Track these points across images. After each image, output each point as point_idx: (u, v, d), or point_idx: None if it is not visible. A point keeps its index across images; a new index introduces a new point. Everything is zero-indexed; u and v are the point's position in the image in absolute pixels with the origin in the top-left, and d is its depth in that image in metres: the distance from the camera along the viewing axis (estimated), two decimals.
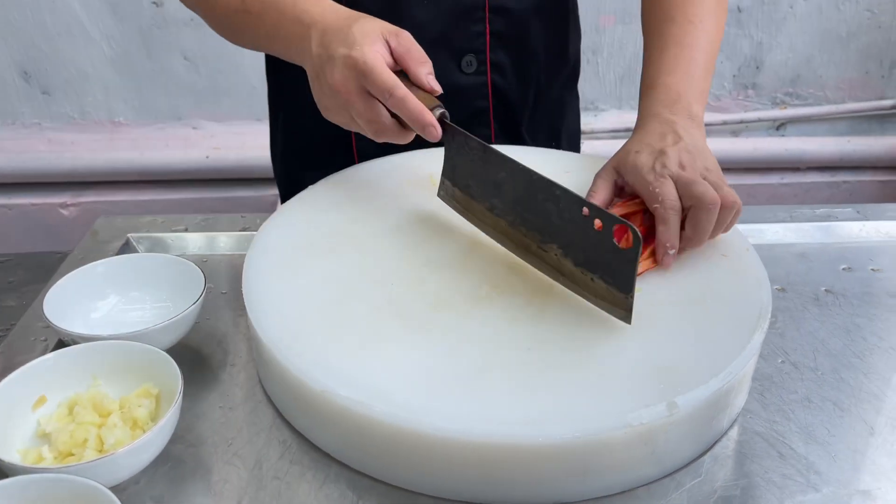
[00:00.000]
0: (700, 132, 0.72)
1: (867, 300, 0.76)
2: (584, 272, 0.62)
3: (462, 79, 0.87)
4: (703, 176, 0.66)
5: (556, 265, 0.64)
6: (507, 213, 0.68)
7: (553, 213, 0.64)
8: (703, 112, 0.75)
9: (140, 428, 0.56)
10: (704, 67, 0.77)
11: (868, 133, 1.99)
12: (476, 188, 0.70)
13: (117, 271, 0.70)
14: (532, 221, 0.65)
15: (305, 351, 0.58)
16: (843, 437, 0.60)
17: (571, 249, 0.63)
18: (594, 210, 0.61)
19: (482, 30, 0.86)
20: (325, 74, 0.66)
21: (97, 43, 1.83)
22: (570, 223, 0.62)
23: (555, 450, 0.51)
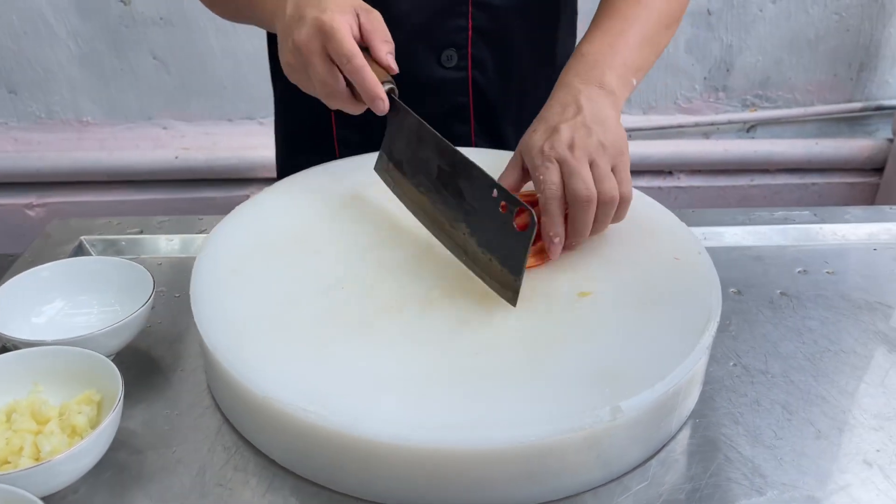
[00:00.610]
0: (608, 101, 0.70)
1: (820, 303, 0.77)
2: (484, 252, 0.64)
3: (441, 73, 0.87)
4: (593, 159, 0.65)
5: (462, 245, 0.67)
6: (429, 191, 0.70)
7: (467, 193, 0.65)
8: (621, 84, 0.72)
9: (79, 435, 0.55)
10: (636, 43, 0.74)
11: (837, 135, 2.01)
12: (407, 165, 0.72)
13: (64, 275, 0.69)
14: (448, 200, 0.68)
15: (250, 356, 0.57)
16: (790, 440, 0.60)
17: (477, 230, 0.65)
18: (501, 192, 0.63)
19: (464, 24, 0.85)
20: (292, 32, 0.68)
21: (63, 41, 1.80)
22: (480, 203, 0.64)
23: (497, 455, 0.51)
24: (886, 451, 0.59)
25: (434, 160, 0.69)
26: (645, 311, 0.62)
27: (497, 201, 0.63)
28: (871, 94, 1.97)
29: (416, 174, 0.71)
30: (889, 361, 0.69)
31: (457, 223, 0.67)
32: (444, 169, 0.68)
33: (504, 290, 0.63)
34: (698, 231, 0.88)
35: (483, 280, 0.64)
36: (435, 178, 0.69)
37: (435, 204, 0.69)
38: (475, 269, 0.65)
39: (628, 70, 0.73)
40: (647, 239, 0.72)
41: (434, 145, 0.68)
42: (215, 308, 0.62)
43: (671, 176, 2.00)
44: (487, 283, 0.64)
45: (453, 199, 0.67)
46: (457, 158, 0.66)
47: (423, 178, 0.70)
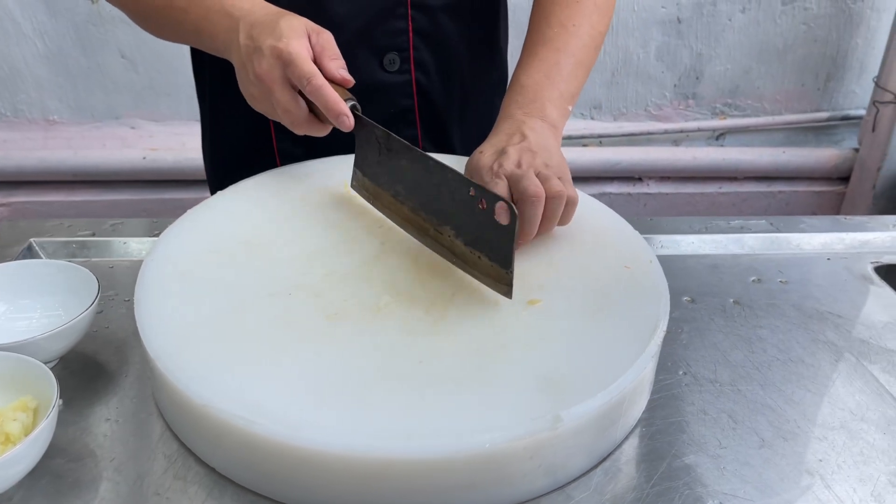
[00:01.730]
0: (551, 132, 0.73)
1: (772, 312, 0.77)
2: (472, 251, 0.65)
3: (385, 77, 0.87)
4: (539, 171, 0.68)
5: (450, 247, 0.67)
6: (408, 199, 0.71)
7: (446, 196, 0.66)
8: (559, 114, 0.76)
9: (12, 442, 0.54)
10: (570, 72, 0.78)
11: (804, 144, 2.04)
12: (382, 176, 0.73)
13: (7, 278, 0.68)
14: (429, 206, 0.69)
15: (190, 363, 0.56)
16: (734, 449, 0.60)
17: (462, 231, 0.66)
18: (479, 190, 0.64)
19: (404, 27, 0.85)
20: (251, 64, 0.69)
21: (30, 39, 1.78)
22: (459, 204, 0.65)
23: (437, 464, 0.51)
24: (829, 462, 0.59)
25: (408, 168, 0.69)
26: (593, 319, 0.62)
27: (475, 199, 0.64)
28: (837, 104, 2.00)
29: (393, 184, 0.72)
30: (836, 371, 0.69)
31: (441, 227, 0.68)
32: (420, 175, 0.68)
33: (498, 285, 0.63)
34: (656, 239, 0.89)
35: (476, 278, 0.65)
36: (411, 185, 0.70)
37: (416, 212, 0.70)
38: (467, 269, 0.66)
39: (565, 100, 0.77)
40: (599, 248, 0.72)
41: (405, 154, 0.69)
42: (159, 313, 0.61)
43: (641, 182, 2.02)
44: (481, 281, 0.65)
45: (434, 204, 0.68)
46: (429, 163, 0.67)
47: (399, 188, 0.71)
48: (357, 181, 0.76)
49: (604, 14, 0.83)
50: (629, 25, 1.85)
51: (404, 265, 0.68)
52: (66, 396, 0.63)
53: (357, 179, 0.76)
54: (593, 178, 1.99)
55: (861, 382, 0.68)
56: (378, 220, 0.74)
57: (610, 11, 0.85)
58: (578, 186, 0.82)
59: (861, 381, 0.68)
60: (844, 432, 0.62)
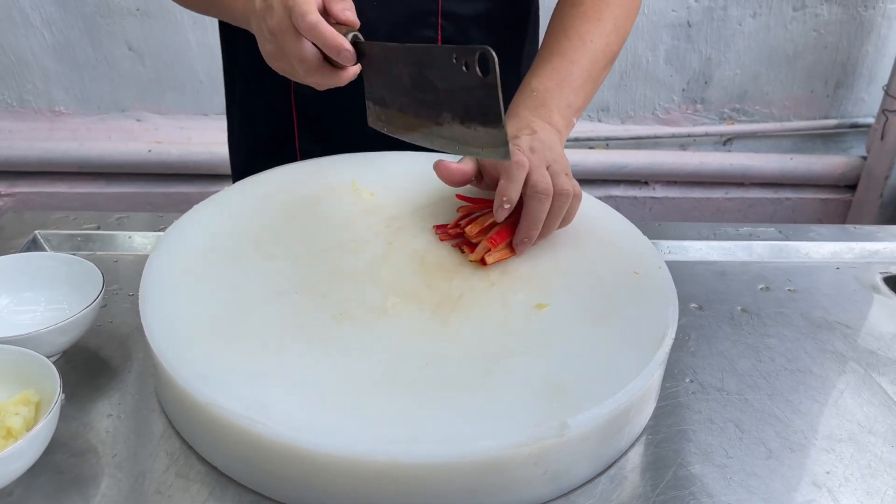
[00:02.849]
0: (556, 137, 0.73)
1: (780, 320, 0.77)
2: (469, 126, 0.64)
3: None
4: (549, 164, 0.68)
5: (450, 134, 0.66)
6: (410, 106, 0.69)
7: (437, 79, 0.65)
8: (564, 124, 0.76)
9: (13, 437, 0.54)
10: (580, 85, 0.78)
11: (811, 151, 2.03)
12: (389, 95, 0.71)
13: (11, 271, 0.67)
14: (426, 100, 0.67)
15: (195, 360, 0.56)
16: (741, 459, 0.60)
17: (456, 109, 0.65)
18: (459, 51, 0.62)
19: (433, 35, 0.85)
20: (265, 22, 0.68)
21: (38, 29, 1.78)
22: (449, 81, 0.64)
23: (440, 469, 0.50)
24: (836, 474, 0.59)
25: (404, 71, 0.68)
26: (600, 325, 0.62)
27: (459, 65, 0.62)
28: (846, 111, 1.99)
29: (398, 98, 0.70)
30: (844, 382, 0.69)
31: (440, 115, 0.66)
32: (414, 71, 0.67)
33: (496, 150, 0.63)
34: (663, 244, 0.88)
35: (477, 154, 0.65)
36: (409, 87, 0.68)
37: (418, 114, 0.69)
38: (468, 149, 0.65)
39: (571, 111, 0.77)
40: (608, 252, 0.71)
41: (400, 56, 0.68)
42: (163, 309, 0.61)
43: (647, 186, 2.01)
44: (481, 155, 0.65)
45: (430, 96, 0.67)
46: (418, 51, 0.66)
47: (402, 99, 0.70)
48: (373, 115, 0.75)
49: (621, 35, 0.83)
50: (639, 28, 1.85)
51: (411, 266, 0.67)
52: (68, 391, 0.62)
53: (372, 114, 0.75)
54: (599, 180, 1.98)
55: (869, 394, 0.67)
56: (385, 220, 0.74)
57: (626, 33, 0.84)
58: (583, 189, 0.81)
59: (869, 393, 0.68)
60: (852, 444, 0.62)
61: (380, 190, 0.78)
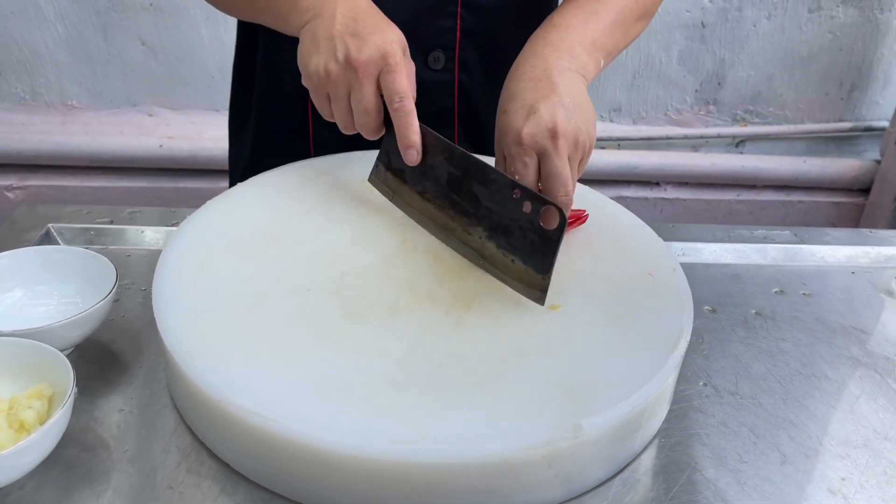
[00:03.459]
0: (578, 77, 0.69)
1: (795, 324, 0.76)
2: (504, 255, 0.64)
3: (428, 75, 0.85)
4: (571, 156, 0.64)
5: (479, 248, 0.66)
6: (437, 197, 0.69)
7: (484, 196, 0.65)
8: (591, 62, 0.71)
9: (27, 430, 0.54)
10: (607, 26, 0.74)
11: (825, 154, 2.01)
12: (410, 173, 0.71)
13: (25, 264, 0.67)
14: (460, 205, 0.67)
15: (207, 356, 0.56)
16: (755, 464, 0.59)
17: (496, 232, 0.65)
18: (525, 192, 0.62)
19: (452, 25, 0.83)
20: (345, 46, 0.65)
21: (52, 23, 1.78)
22: (498, 205, 0.64)
23: (453, 469, 0.50)
24: (851, 481, 0.58)
25: (442, 166, 0.68)
26: (615, 326, 0.61)
27: (519, 202, 0.63)
28: (860, 114, 1.98)
29: (421, 181, 0.70)
30: (860, 388, 0.68)
31: (472, 227, 0.67)
32: (455, 174, 0.67)
33: (530, 290, 0.63)
34: (677, 246, 0.87)
35: (504, 282, 0.64)
36: (444, 184, 0.68)
37: (444, 210, 0.69)
38: (495, 271, 0.65)
39: (597, 49, 0.72)
40: (623, 254, 0.71)
41: (442, 151, 0.67)
42: (176, 305, 0.61)
43: (658, 187, 2.00)
44: (510, 285, 0.64)
45: (467, 204, 0.67)
46: (470, 162, 0.66)
47: (429, 185, 0.69)
48: (378, 175, 0.75)
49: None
50: (653, 28, 1.84)
51: (425, 264, 0.67)
52: (80, 385, 0.62)
53: (378, 174, 0.74)
54: (610, 181, 1.97)
55: (885, 400, 0.67)
56: (399, 218, 0.73)
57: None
58: (595, 189, 0.81)
59: (885, 399, 0.67)
60: (867, 451, 0.61)
61: None
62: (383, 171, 0.74)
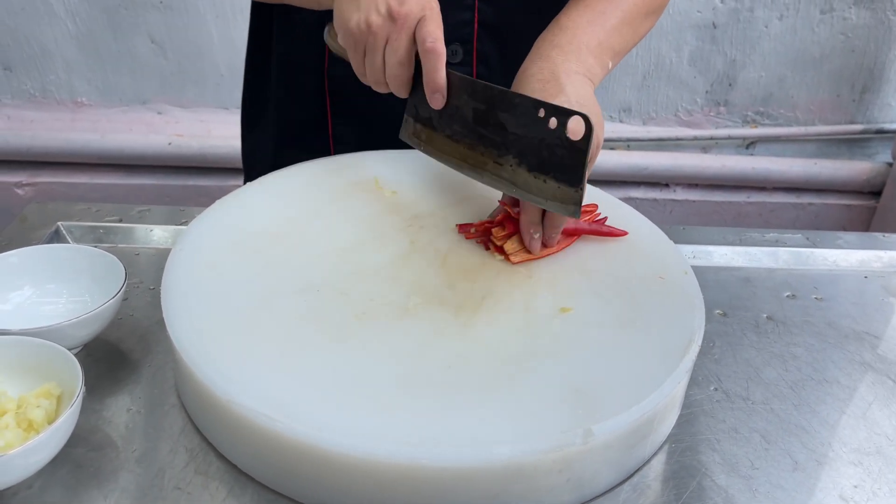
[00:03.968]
0: (586, 79, 0.70)
1: (807, 329, 0.75)
2: (536, 176, 0.65)
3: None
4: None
5: (511, 177, 0.68)
6: (465, 136, 0.71)
7: (510, 123, 0.66)
8: (598, 65, 0.72)
9: (35, 430, 0.54)
10: (615, 26, 0.74)
11: (836, 156, 2.00)
12: (437, 119, 0.72)
13: (34, 262, 0.67)
14: (489, 138, 0.68)
15: (216, 357, 0.56)
16: (766, 470, 0.59)
17: (526, 156, 0.66)
18: (549, 108, 0.63)
19: (470, 18, 0.83)
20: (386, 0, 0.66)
21: (62, 20, 1.78)
22: (525, 128, 0.66)
23: (462, 474, 0.50)
24: (864, 488, 0.58)
25: (467, 104, 0.69)
26: (625, 330, 0.61)
27: (545, 120, 0.63)
28: (872, 116, 1.96)
29: (449, 124, 0.71)
30: (873, 394, 0.67)
31: (502, 157, 0.68)
32: (480, 108, 0.68)
33: (564, 206, 0.64)
34: (687, 249, 0.87)
35: (539, 204, 0.66)
36: (471, 121, 0.69)
37: (474, 147, 0.70)
38: (529, 196, 0.66)
39: (605, 51, 0.73)
40: (634, 257, 0.70)
41: (466, 88, 0.69)
42: (185, 304, 0.61)
43: (667, 188, 1.99)
44: (545, 206, 0.65)
45: (495, 135, 0.68)
46: (494, 93, 0.67)
47: (457, 127, 0.71)
48: (407, 129, 0.75)
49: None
50: (663, 28, 1.83)
51: (433, 265, 0.67)
52: (89, 384, 0.62)
53: (407, 128, 0.75)
54: (619, 182, 1.96)
55: None
56: (408, 219, 0.73)
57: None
58: (603, 190, 0.80)
59: None
60: (880, 458, 0.61)
61: (402, 188, 0.78)
62: (412, 123, 0.75)
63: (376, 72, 0.70)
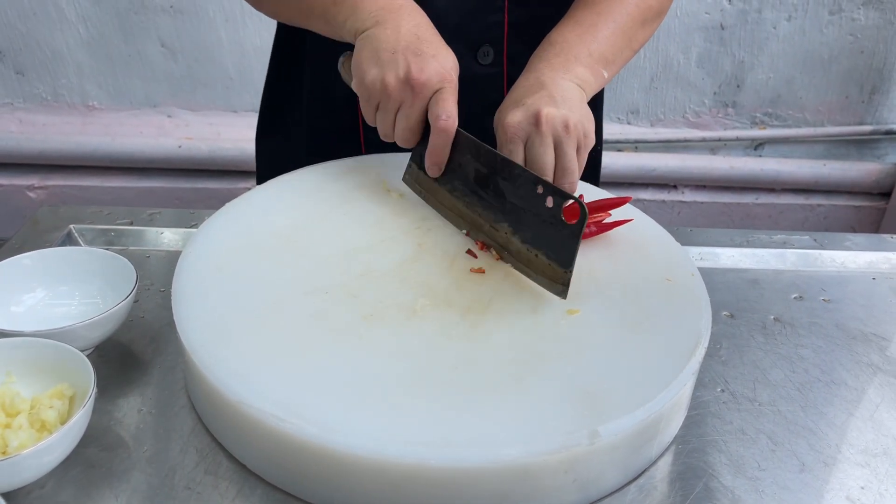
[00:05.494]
0: (573, 85, 0.70)
1: (814, 331, 0.76)
2: (529, 249, 0.66)
3: (478, 69, 0.85)
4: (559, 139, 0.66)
5: (505, 243, 0.68)
6: (465, 195, 0.71)
7: (508, 192, 0.67)
8: (589, 73, 0.73)
9: (48, 430, 0.54)
10: (607, 36, 0.75)
11: (845, 158, 1.99)
12: (442, 172, 0.73)
13: (47, 264, 0.68)
14: (487, 201, 0.69)
15: (226, 358, 0.56)
16: (773, 472, 0.59)
17: (520, 227, 0.67)
18: (547, 187, 0.64)
19: (500, 20, 0.84)
20: (407, 63, 0.67)
21: (73, 24, 1.80)
22: (522, 200, 0.66)
23: (470, 474, 0.50)
24: (871, 490, 0.58)
25: (470, 164, 0.70)
26: (632, 332, 0.61)
27: (542, 197, 0.64)
28: (881, 117, 1.96)
29: (451, 180, 0.72)
30: (880, 395, 0.67)
31: (498, 223, 0.69)
32: (482, 171, 0.69)
33: (553, 284, 0.64)
34: (695, 251, 0.87)
35: (528, 276, 0.66)
36: (472, 180, 0.70)
37: (472, 207, 0.71)
38: (519, 266, 0.67)
39: (596, 60, 0.74)
40: (641, 258, 0.71)
41: (470, 149, 0.69)
42: (196, 306, 0.61)
43: (675, 190, 1.99)
44: (533, 279, 0.65)
45: (493, 200, 0.69)
46: (497, 159, 0.67)
47: (458, 183, 0.72)
48: (411, 175, 0.76)
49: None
50: (671, 30, 1.83)
51: (441, 268, 0.67)
52: (100, 385, 0.63)
53: (411, 174, 0.76)
54: (627, 183, 1.97)
55: None
56: (416, 221, 0.74)
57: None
58: (612, 192, 0.81)
59: None
60: (887, 459, 0.61)
61: (410, 191, 0.78)
62: (416, 170, 0.76)
63: (385, 127, 0.71)
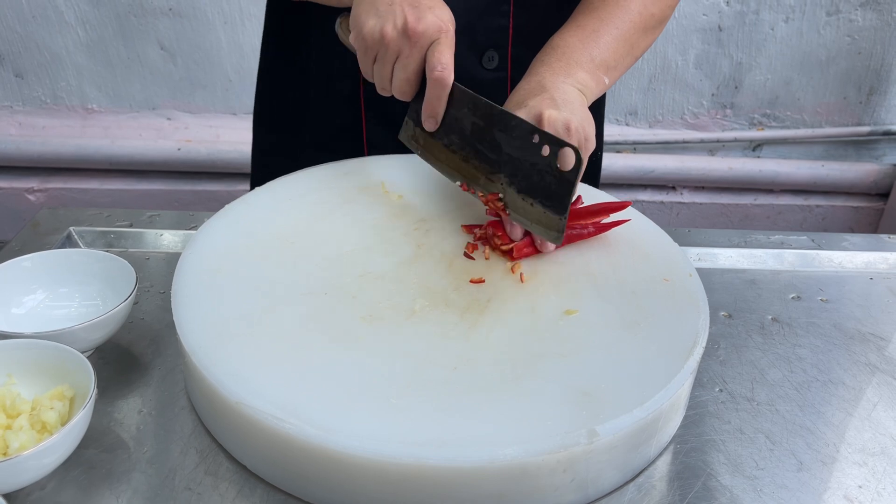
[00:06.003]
0: (574, 89, 0.71)
1: (812, 331, 0.76)
2: (524, 198, 0.67)
3: (483, 74, 0.86)
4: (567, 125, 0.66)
5: (501, 194, 0.70)
6: (462, 148, 0.72)
7: (505, 143, 0.68)
8: (590, 78, 0.73)
9: (48, 431, 0.54)
10: (608, 42, 0.75)
11: (843, 158, 2.00)
12: (438, 126, 0.73)
13: (47, 266, 0.68)
14: (484, 154, 0.70)
15: (225, 359, 0.57)
16: (771, 471, 0.59)
17: (517, 177, 0.68)
18: (543, 136, 0.65)
19: (505, 24, 0.84)
20: (404, 13, 0.67)
21: (72, 27, 1.80)
22: (519, 151, 0.67)
23: (468, 474, 0.50)
24: (869, 488, 0.58)
25: (467, 117, 0.71)
26: (630, 332, 0.61)
27: (539, 146, 0.65)
28: (879, 118, 1.96)
29: (448, 134, 0.73)
30: (878, 395, 0.68)
31: (494, 175, 0.70)
32: (479, 124, 0.70)
33: (548, 231, 0.67)
34: (693, 251, 0.87)
35: (524, 226, 0.68)
36: (469, 134, 0.71)
37: (469, 160, 0.72)
38: (514, 215, 0.69)
39: (597, 66, 0.74)
40: (639, 259, 0.71)
41: (467, 103, 0.70)
42: (195, 308, 0.62)
43: (674, 191, 1.99)
44: (529, 228, 0.67)
45: (490, 153, 0.70)
46: (493, 112, 0.68)
47: (454, 138, 0.72)
48: (408, 132, 0.77)
49: (665, 3, 0.80)
50: (669, 32, 1.83)
51: (439, 269, 0.68)
52: (100, 386, 0.63)
53: (408, 130, 0.77)
54: (626, 185, 1.97)
55: None
56: (414, 223, 0.74)
57: (672, 2, 0.82)
58: (610, 193, 0.81)
59: None
60: (885, 458, 0.61)
61: (408, 192, 0.79)
62: (412, 127, 0.76)
63: (383, 79, 0.71)
